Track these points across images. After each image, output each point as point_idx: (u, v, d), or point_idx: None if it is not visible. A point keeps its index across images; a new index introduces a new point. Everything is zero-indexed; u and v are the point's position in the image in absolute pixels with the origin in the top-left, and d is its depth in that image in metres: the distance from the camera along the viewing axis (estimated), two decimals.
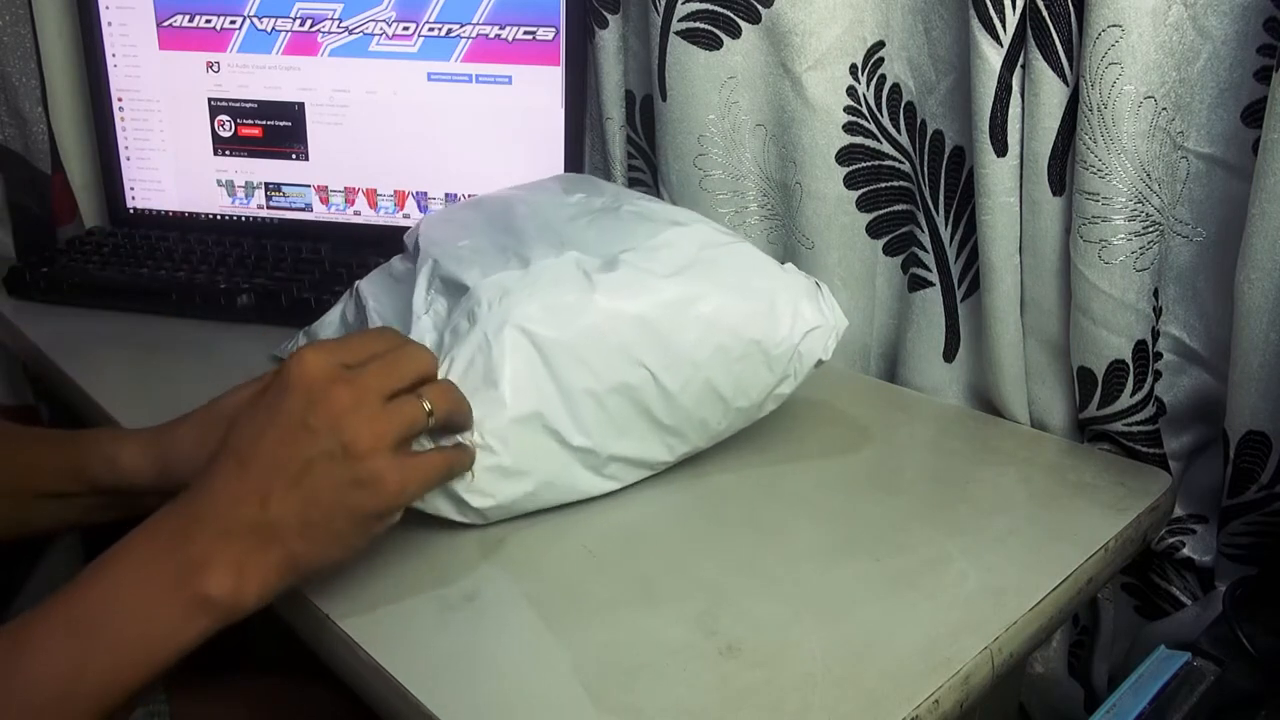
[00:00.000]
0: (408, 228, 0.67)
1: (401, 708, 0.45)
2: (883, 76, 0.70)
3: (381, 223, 0.93)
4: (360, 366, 0.47)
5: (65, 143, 0.99)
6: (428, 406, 0.48)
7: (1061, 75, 0.57)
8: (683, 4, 0.73)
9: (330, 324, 0.68)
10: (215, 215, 0.96)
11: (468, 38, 0.86)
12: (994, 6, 0.57)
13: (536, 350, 0.53)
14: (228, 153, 0.94)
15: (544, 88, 0.86)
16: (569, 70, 0.85)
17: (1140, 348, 0.61)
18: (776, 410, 0.61)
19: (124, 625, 0.42)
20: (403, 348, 0.50)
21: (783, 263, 0.80)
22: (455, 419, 0.51)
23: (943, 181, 0.69)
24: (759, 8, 0.71)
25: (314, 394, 0.45)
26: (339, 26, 0.88)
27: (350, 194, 0.93)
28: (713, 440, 0.60)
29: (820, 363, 0.60)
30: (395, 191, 0.92)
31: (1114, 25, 0.53)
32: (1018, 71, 0.59)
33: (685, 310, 0.55)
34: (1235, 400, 0.57)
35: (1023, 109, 0.59)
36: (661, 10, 0.75)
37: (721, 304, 0.56)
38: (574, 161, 0.89)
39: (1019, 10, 0.57)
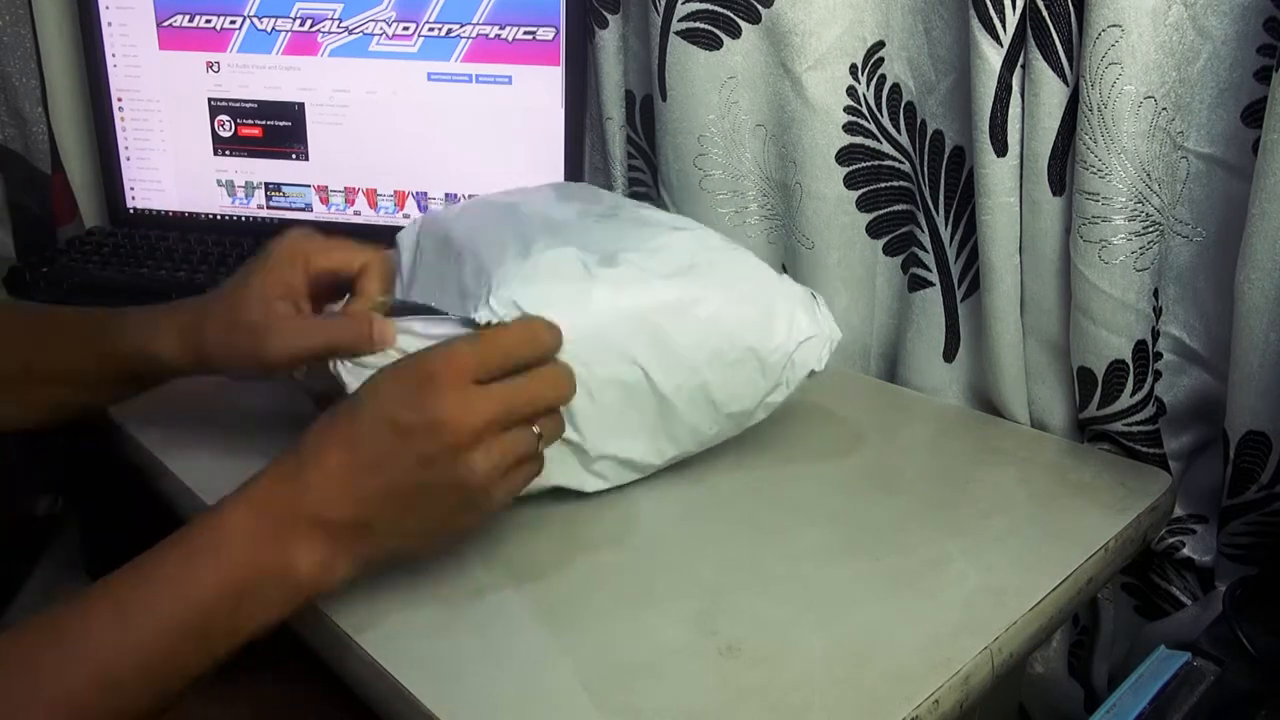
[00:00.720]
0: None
1: (402, 708, 0.45)
2: (883, 76, 0.70)
3: (381, 223, 0.93)
4: (496, 385, 0.46)
5: (65, 143, 0.99)
6: (537, 430, 0.48)
7: (1061, 75, 0.57)
8: (683, 4, 0.73)
9: None
10: (215, 215, 0.96)
11: (468, 38, 0.86)
12: (994, 6, 0.57)
13: None
14: (228, 153, 0.94)
15: (544, 88, 0.86)
16: (569, 70, 0.85)
17: (1140, 348, 0.61)
18: (776, 410, 0.61)
19: (208, 607, 0.42)
20: (548, 372, 0.49)
21: (783, 263, 0.80)
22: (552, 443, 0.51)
23: (943, 181, 0.69)
24: (759, 8, 0.71)
25: (438, 421, 0.44)
26: (339, 26, 0.88)
27: (350, 194, 0.93)
28: (702, 446, 0.60)
29: (813, 373, 0.60)
30: (395, 191, 0.92)
31: (1114, 25, 0.53)
32: (1018, 71, 0.59)
33: (684, 312, 0.55)
34: (1235, 400, 0.57)
35: (1023, 109, 0.59)
36: (661, 10, 0.75)
37: (719, 308, 0.56)
38: (574, 161, 0.89)
39: (1019, 10, 0.57)
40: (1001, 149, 0.60)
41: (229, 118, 0.92)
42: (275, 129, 0.92)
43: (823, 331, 0.59)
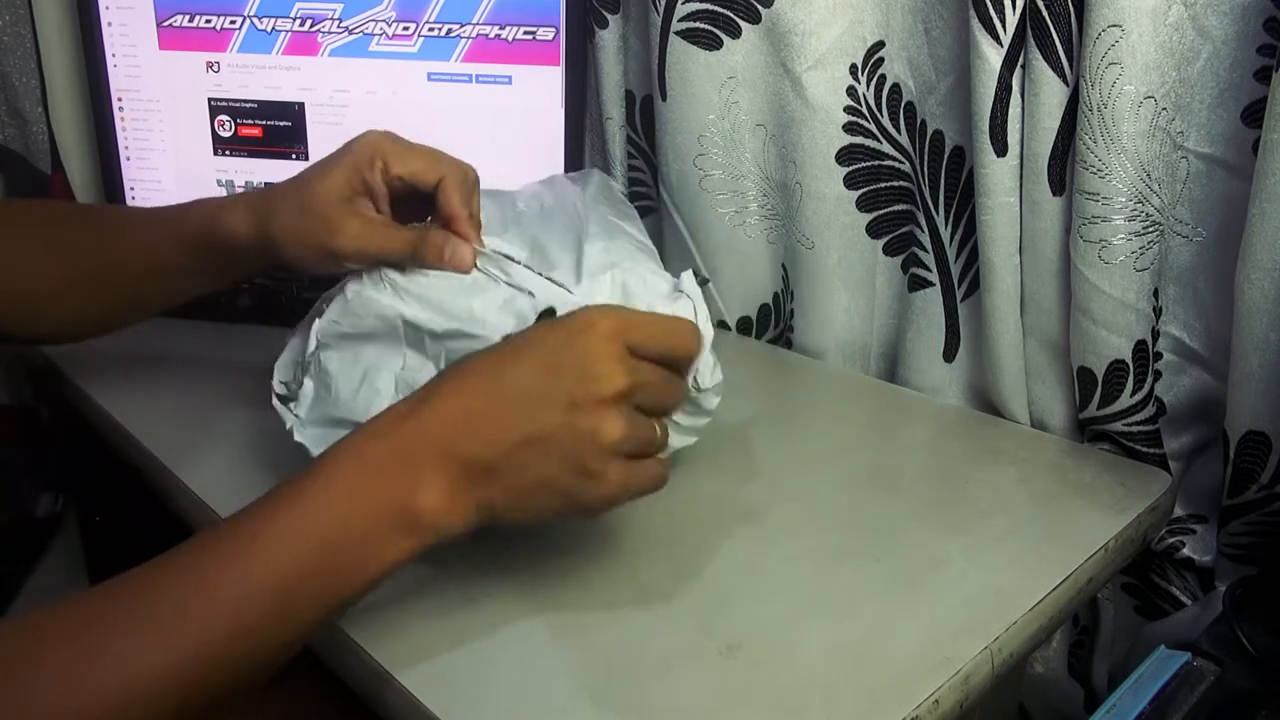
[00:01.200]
0: None
1: (403, 709, 0.45)
2: (883, 76, 0.70)
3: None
4: (645, 361, 0.46)
5: (65, 143, 0.99)
6: (658, 436, 0.47)
7: (1061, 75, 0.57)
8: (683, 4, 0.73)
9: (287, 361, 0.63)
10: None
11: (468, 38, 0.86)
12: (994, 6, 0.57)
13: None
14: (228, 153, 0.94)
15: (544, 88, 0.86)
16: (569, 70, 0.85)
17: (1140, 348, 0.61)
18: (776, 410, 0.61)
19: (333, 542, 0.41)
20: (679, 380, 0.49)
21: (783, 263, 0.80)
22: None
23: (943, 181, 0.69)
24: (759, 8, 0.71)
25: (592, 369, 0.44)
26: (339, 26, 0.88)
27: None
28: None
29: (699, 389, 0.55)
30: None
31: (1114, 25, 0.53)
32: (1018, 71, 0.59)
33: None
34: (1235, 400, 0.57)
35: (1023, 109, 0.59)
36: (661, 10, 0.75)
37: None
38: (574, 161, 0.88)
39: (1019, 10, 0.57)
40: (1001, 149, 0.60)
41: (229, 118, 0.92)
42: (275, 129, 0.92)
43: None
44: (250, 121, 0.92)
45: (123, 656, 0.37)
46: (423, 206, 0.56)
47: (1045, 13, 0.56)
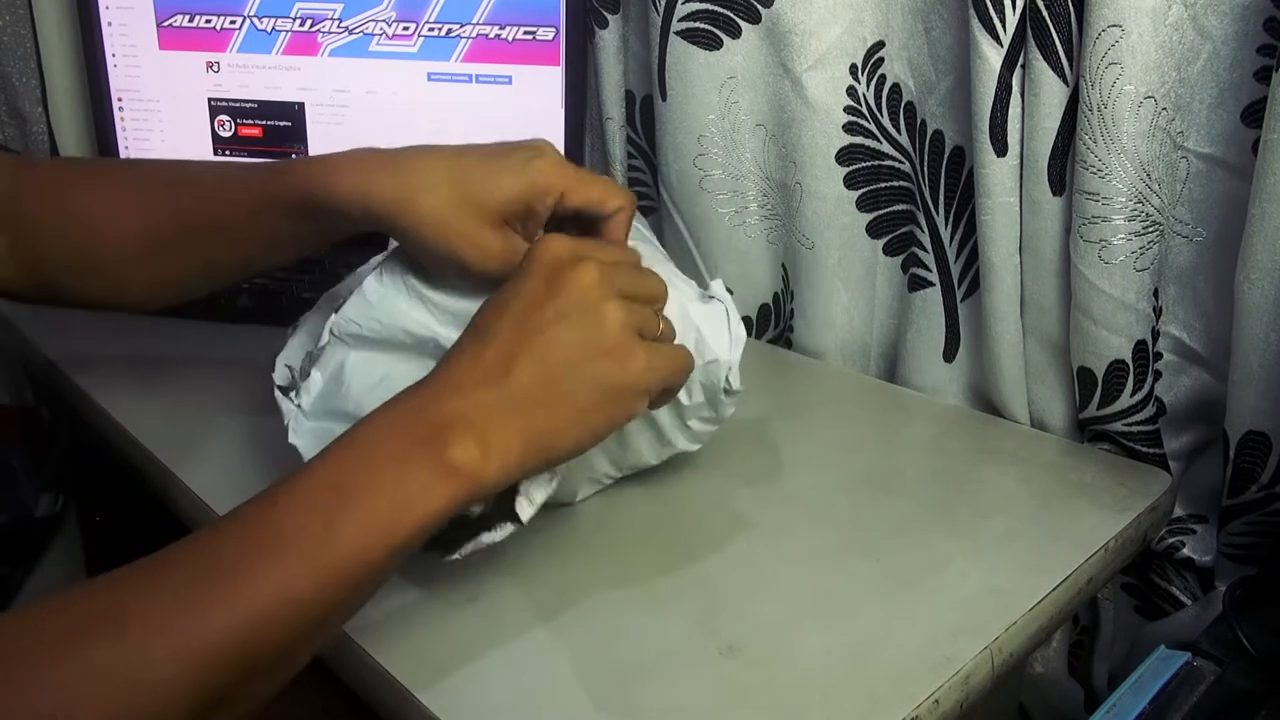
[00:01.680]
0: None
1: (402, 708, 0.45)
2: (883, 76, 0.70)
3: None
4: (601, 261, 0.46)
5: (65, 143, 0.99)
6: (660, 325, 0.48)
7: (1061, 75, 0.57)
8: (683, 4, 0.73)
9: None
10: None
11: (468, 38, 0.86)
12: (994, 6, 0.57)
13: None
14: (228, 153, 0.94)
15: (544, 88, 0.86)
16: (569, 70, 0.85)
17: (1140, 348, 0.61)
18: (776, 410, 0.61)
19: (375, 484, 0.40)
20: (646, 271, 0.50)
21: (783, 263, 0.80)
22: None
23: (943, 181, 0.69)
24: (759, 8, 0.71)
25: (560, 269, 0.45)
26: (339, 26, 0.88)
27: None
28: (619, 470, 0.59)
29: (730, 392, 0.55)
30: None
31: (1114, 25, 0.53)
32: (1018, 71, 0.59)
33: None
34: (1235, 400, 0.57)
35: (1023, 109, 0.59)
36: (661, 10, 0.75)
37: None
38: (574, 161, 0.88)
39: (1019, 10, 0.57)
40: (1001, 149, 0.60)
41: (229, 118, 0.92)
42: (275, 129, 0.92)
43: (723, 357, 0.54)
44: (250, 121, 0.92)
45: (165, 629, 0.36)
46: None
47: (1045, 13, 0.56)
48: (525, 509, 0.45)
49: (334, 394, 0.54)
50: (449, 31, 0.86)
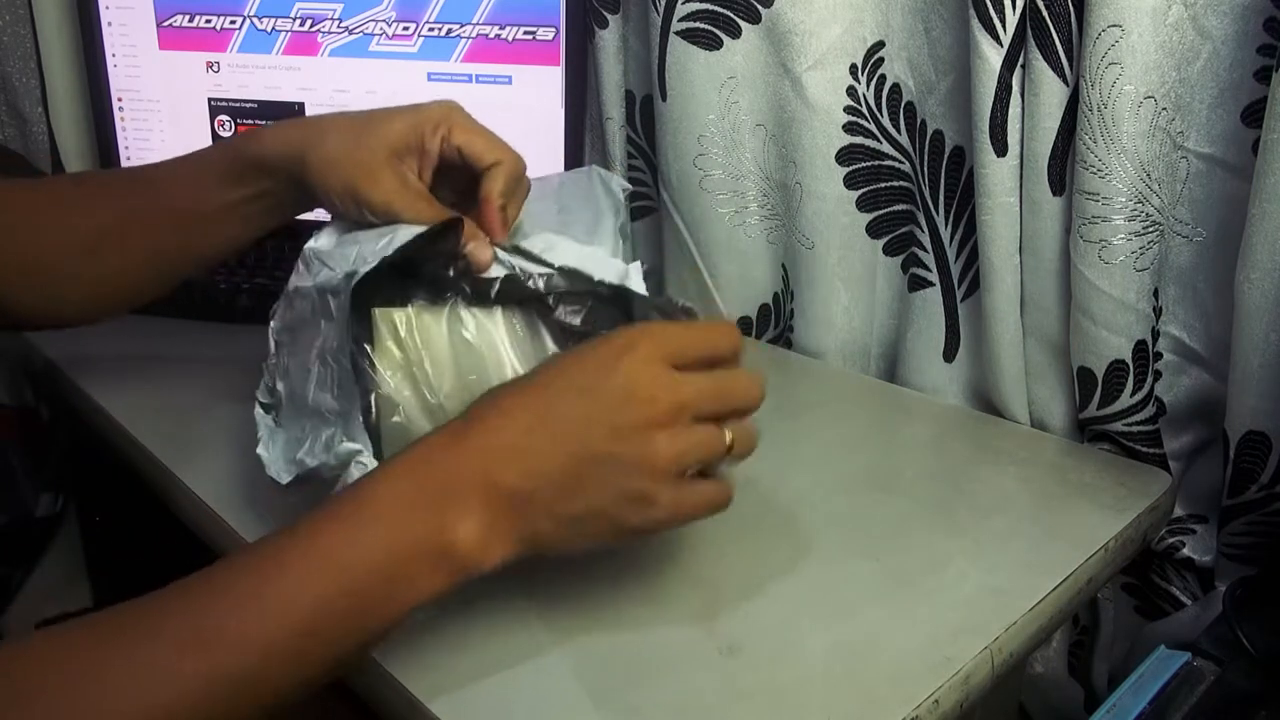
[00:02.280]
0: None
1: (402, 708, 0.45)
2: (883, 76, 0.70)
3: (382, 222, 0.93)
4: (691, 371, 0.44)
5: (65, 143, 0.99)
6: (728, 439, 0.45)
7: (1061, 75, 0.57)
8: (683, 4, 0.73)
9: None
10: None
11: (468, 38, 0.86)
12: (994, 6, 0.57)
13: None
14: None
15: (544, 88, 0.86)
16: (569, 70, 0.85)
17: (1140, 348, 0.61)
18: (775, 410, 0.61)
19: (370, 562, 0.40)
20: (738, 372, 0.47)
21: (783, 263, 0.80)
22: (742, 460, 0.48)
23: (943, 181, 0.69)
24: (759, 8, 0.71)
25: (635, 391, 0.42)
26: (339, 26, 0.88)
27: None
28: None
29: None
30: None
31: (1114, 25, 0.53)
32: (1018, 71, 0.59)
33: None
34: (1235, 400, 0.57)
35: (1023, 109, 0.59)
36: (661, 10, 0.75)
37: None
38: (574, 162, 0.88)
39: (1019, 10, 0.57)
40: (1001, 149, 0.60)
41: (229, 118, 0.92)
42: None
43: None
44: (250, 121, 0.92)
45: (145, 677, 0.36)
46: (462, 190, 0.55)
47: (1045, 13, 0.56)
48: None
49: (295, 396, 0.53)
50: (449, 31, 0.86)
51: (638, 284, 0.53)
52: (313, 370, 0.52)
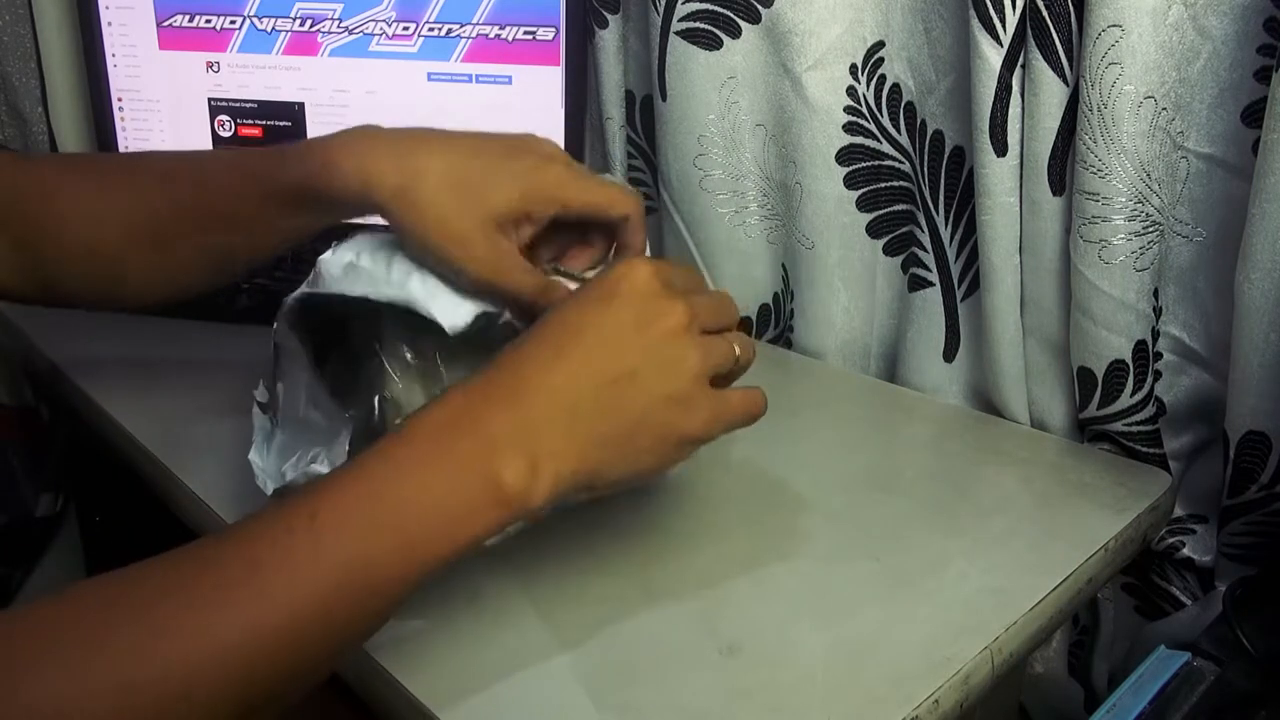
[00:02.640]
0: None
1: (401, 707, 0.45)
2: (883, 76, 0.70)
3: (382, 223, 0.93)
4: (685, 293, 0.46)
5: (65, 143, 0.99)
6: (737, 350, 0.47)
7: (1061, 75, 0.57)
8: (683, 4, 0.73)
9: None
10: None
11: (468, 38, 0.86)
12: (994, 6, 0.57)
13: None
14: None
15: (544, 88, 0.86)
16: (569, 70, 0.85)
17: (1140, 348, 0.61)
18: (776, 410, 0.61)
19: (418, 499, 0.39)
20: (720, 293, 0.50)
21: (783, 263, 0.80)
22: (746, 369, 0.50)
23: (943, 181, 0.69)
24: (759, 8, 0.71)
25: (645, 303, 0.44)
26: (339, 26, 0.88)
27: None
28: None
29: None
30: None
31: (1114, 25, 0.53)
32: (1018, 71, 0.59)
33: None
34: (1235, 400, 0.57)
35: (1023, 109, 0.59)
36: (661, 10, 0.75)
37: None
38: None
39: (1019, 10, 0.57)
40: (1001, 149, 0.60)
41: (229, 118, 0.92)
42: (275, 129, 0.92)
43: None
44: (250, 121, 0.92)
45: (197, 630, 0.35)
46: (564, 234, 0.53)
47: (1045, 13, 0.56)
48: None
49: (289, 402, 0.53)
50: (449, 31, 0.86)
51: None
52: (304, 385, 0.52)
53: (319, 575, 0.38)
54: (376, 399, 0.52)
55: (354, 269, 0.51)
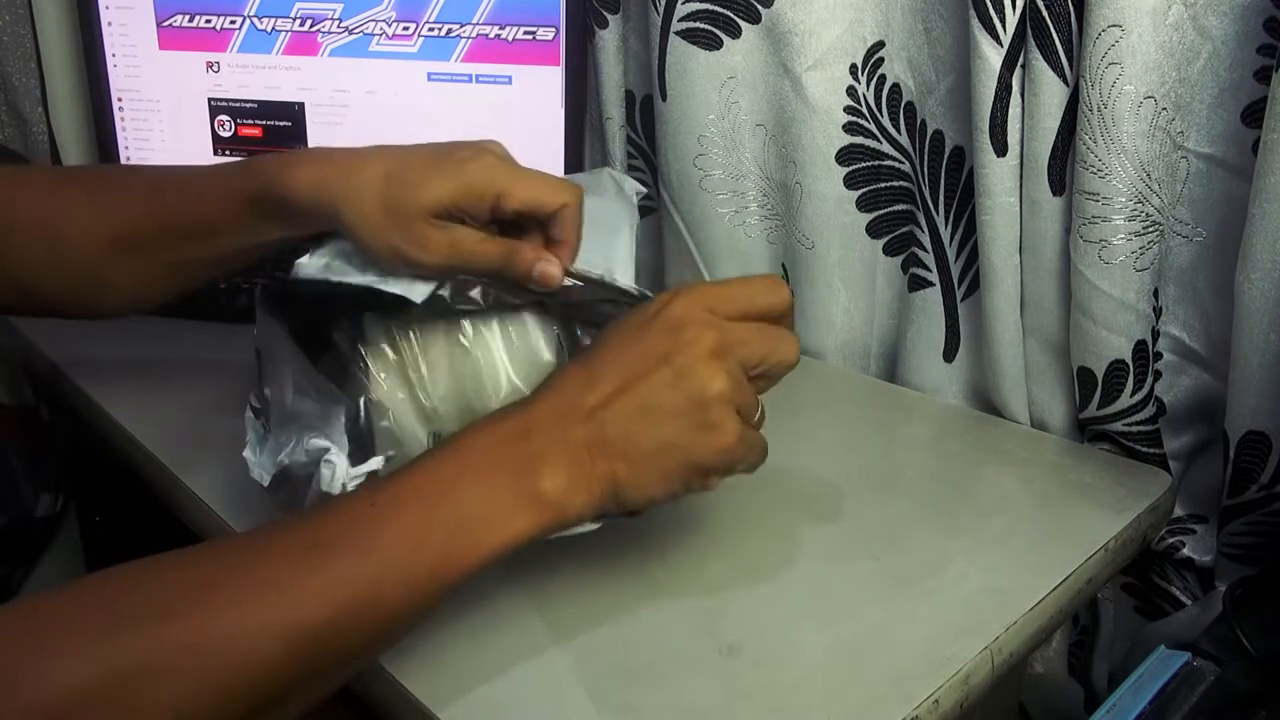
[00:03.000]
0: None
1: (401, 707, 0.45)
2: (883, 76, 0.70)
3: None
4: (734, 322, 0.46)
5: (65, 143, 0.99)
6: (761, 407, 0.48)
7: (1061, 75, 0.57)
8: (683, 4, 0.73)
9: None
10: None
11: (468, 38, 0.86)
12: (994, 6, 0.57)
13: None
14: (228, 153, 0.94)
15: (544, 88, 0.86)
16: (569, 70, 0.85)
17: (1140, 348, 0.61)
18: (777, 410, 0.61)
19: (466, 500, 0.42)
20: (781, 331, 0.48)
21: (783, 263, 0.80)
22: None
23: (943, 181, 0.69)
24: (759, 8, 0.71)
25: (681, 333, 0.45)
26: (339, 26, 0.88)
27: None
28: None
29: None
30: None
31: (1114, 25, 0.53)
32: (1018, 71, 0.59)
33: None
34: (1235, 400, 0.57)
35: (1023, 109, 0.59)
36: (661, 10, 0.75)
37: None
38: (574, 161, 0.89)
39: (1019, 10, 0.57)
40: (1001, 149, 0.60)
41: (229, 118, 0.92)
42: (275, 129, 0.92)
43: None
44: (250, 121, 0.92)
45: (243, 624, 0.37)
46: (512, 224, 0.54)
47: (1045, 13, 0.56)
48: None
49: (277, 404, 0.53)
50: (449, 31, 0.86)
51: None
52: (289, 379, 0.52)
53: (375, 566, 0.40)
54: (362, 400, 0.52)
55: (328, 269, 0.53)
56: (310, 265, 0.53)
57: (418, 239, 0.50)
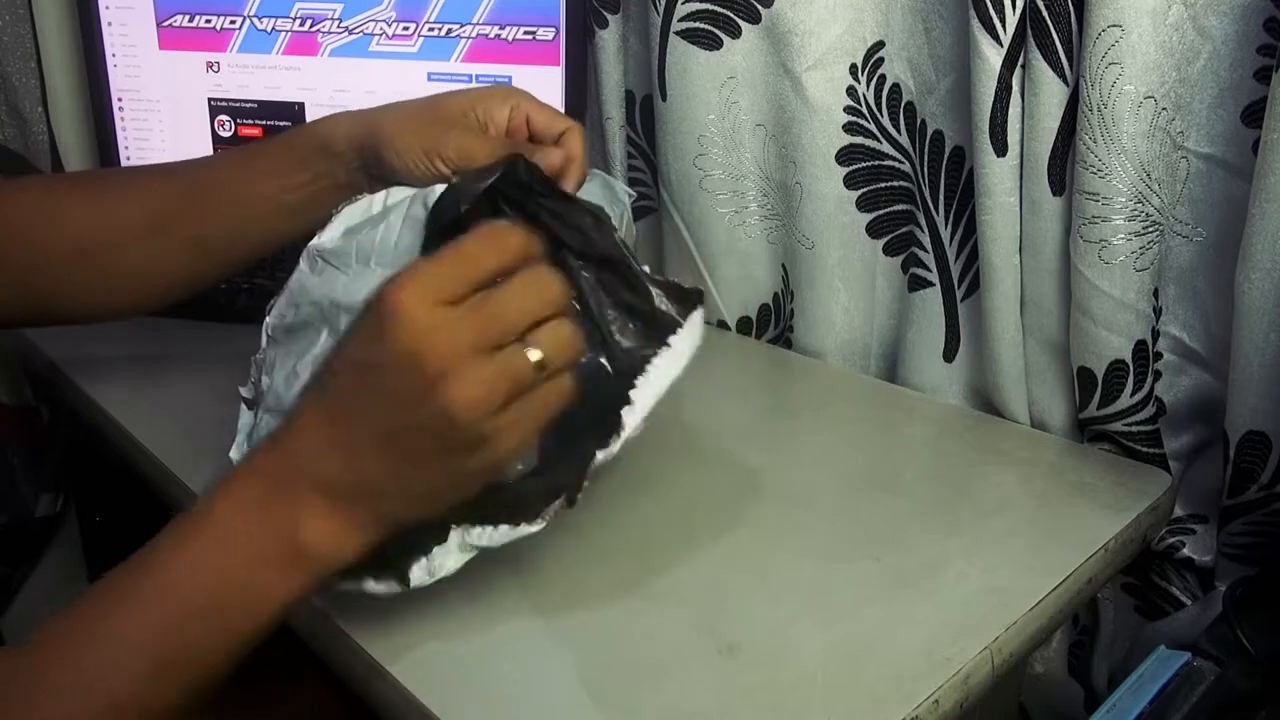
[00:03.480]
0: None
1: (401, 707, 0.45)
2: (883, 76, 0.70)
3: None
4: (467, 302, 0.40)
5: (65, 143, 0.99)
6: (535, 357, 0.40)
7: (1061, 75, 0.57)
8: (683, 4, 0.73)
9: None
10: None
11: (468, 38, 0.86)
12: (994, 6, 0.57)
13: None
14: None
15: (544, 88, 0.86)
16: (569, 70, 0.85)
17: (1140, 348, 0.61)
18: (777, 410, 0.62)
19: (220, 588, 0.40)
20: (528, 275, 0.41)
21: (783, 263, 0.80)
22: (567, 369, 0.42)
23: (943, 181, 0.69)
24: (759, 8, 0.71)
25: (407, 350, 0.39)
26: (339, 26, 0.88)
27: None
28: None
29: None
30: None
31: (1114, 25, 0.53)
32: (1018, 71, 0.59)
33: None
34: (1235, 400, 0.57)
35: (1023, 109, 0.59)
36: (661, 10, 0.75)
37: None
38: None
39: (1019, 10, 0.57)
40: (1001, 149, 0.60)
41: (229, 118, 0.92)
42: (275, 129, 0.92)
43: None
44: (250, 121, 0.92)
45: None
46: None
47: (1045, 13, 0.56)
48: (418, 574, 0.46)
49: (278, 395, 0.53)
50: (449, 31, 0.86)
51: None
52: (301, 376, 0.51)
53: (133, 645, 0.40)
54: None
55: (350, 233, 0.53)
56: (329, 236, 0.53)
57: (449, 133, 0.53)
